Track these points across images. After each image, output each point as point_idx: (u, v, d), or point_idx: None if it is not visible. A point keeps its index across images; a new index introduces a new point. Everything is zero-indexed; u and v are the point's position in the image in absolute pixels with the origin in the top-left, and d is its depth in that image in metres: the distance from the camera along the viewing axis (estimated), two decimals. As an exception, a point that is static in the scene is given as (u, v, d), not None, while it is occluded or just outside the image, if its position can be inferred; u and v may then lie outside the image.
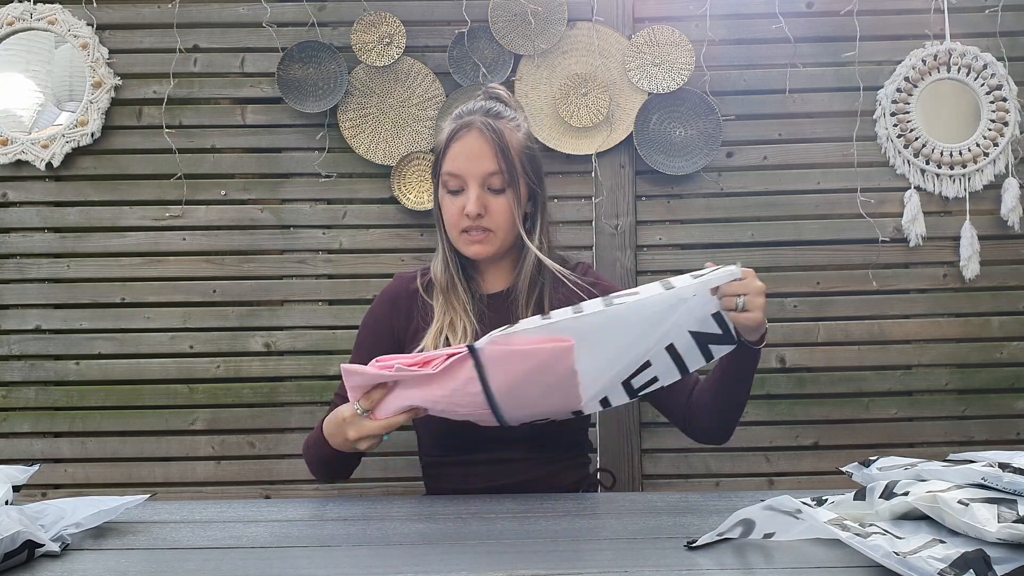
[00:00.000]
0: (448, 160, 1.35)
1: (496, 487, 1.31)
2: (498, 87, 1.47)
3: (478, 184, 1.33)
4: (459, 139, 1.34)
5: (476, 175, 1.33)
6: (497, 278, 1.43)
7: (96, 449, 1.97)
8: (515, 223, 1.36)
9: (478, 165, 1.33)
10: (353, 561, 0.89)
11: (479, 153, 1.33)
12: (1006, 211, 1.96)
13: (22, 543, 0.86)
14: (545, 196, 1.42)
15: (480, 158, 1.33)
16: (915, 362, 1.99)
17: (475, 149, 1.33)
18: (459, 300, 1.38)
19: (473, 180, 1.33)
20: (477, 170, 1.33)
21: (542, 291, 1.40)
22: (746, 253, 1.99)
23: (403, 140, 1.98)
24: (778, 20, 1.98)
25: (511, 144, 1.34)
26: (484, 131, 1.33)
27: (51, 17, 1.97)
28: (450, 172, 1.34)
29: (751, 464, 1.98)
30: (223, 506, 1.16)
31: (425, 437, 1.43)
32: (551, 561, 0.86)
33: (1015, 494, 0.79)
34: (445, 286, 1.40)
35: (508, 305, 1.40)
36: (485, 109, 1.38)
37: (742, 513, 0.90)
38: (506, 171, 1.33)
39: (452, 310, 1.38)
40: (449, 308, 1.38)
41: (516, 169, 1.35)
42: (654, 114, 1.98)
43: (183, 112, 2.00)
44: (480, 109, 1.38)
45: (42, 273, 1.99)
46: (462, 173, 1.33)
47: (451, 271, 1.40)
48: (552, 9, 1.96)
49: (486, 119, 1.35)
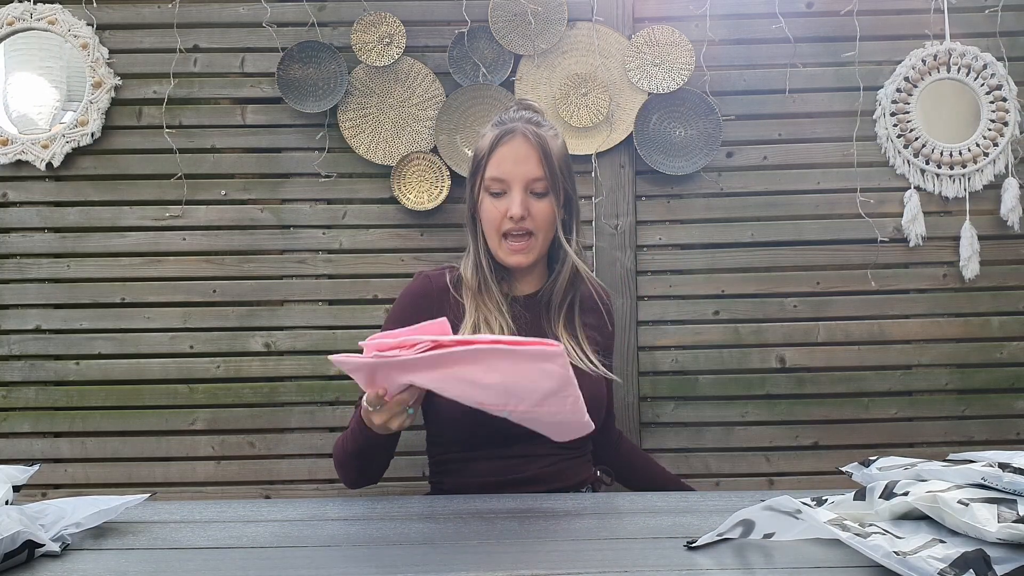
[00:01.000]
0: (493, 164, 1.39)
1: (504, 483, 1.32)
2: (530, 100, 1.54)
3: (522, 188, 1.38)
4: (504, 143, 1.39)
5: (521, 179, 1.38)
6: (529, 281, 1.47)
7: (96, 449, 1.97)
8: (555, 227, 1.42)
9: (523, 170, 1.38)
10: (353, 561, 0.89)
11: (525, 158, 1.38)
12: (1006, 211, 1.96)
13: (22, 543, 0.86)
14: (578, 203, 1.48)
15: (526, 162, 1.38)
16: (915, 362, 1.99)
17: (521, 154, 1.38)
18: (492, 300, 1.41)
19: (517, 184, 1.38)
20: (522, 174, 1.38)
21: (575, 296, 1.46)
22: (746, 253, 1.99)
23: (403, 140, 1.98)
24: (778, 20, 1.98)
25: (553, 152, 1.40)
26: (529, 137, 1.39)
27: (51, 17, 1.97)
28: (495, 176, 1.39)
29: (751, 464, 1.98)
30: (223, 506, 1.16)
31: (433, 434, 1.45)
32: (551, 561, 0.86)
33: (1015, 494, 0.79)
34: (477, 287, 1.42)
35: (542, 307, 1.45)
36: (526, 118, 1.43)
37: (742, 513, 0.90)
38: (549, 176, 1.39)
39: (485, 308, 1.41)
40: (482, 306, 1.41)
41: (557, 175, 1.40)
42: (654, 114, 1.98)
43: (183, 112, 2.00)
44: (521, 117, 1.43)
45: (42, 273, 1.99)
46: (507, 177, 1.38)
47: (483, 273, 1.43)
48: (552, 9, 1.96)
49: (529, 127, 1.40)
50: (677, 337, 1.98)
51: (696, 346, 1.99)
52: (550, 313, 1.44)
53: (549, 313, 1.44)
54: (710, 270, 1.99)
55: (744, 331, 1.99)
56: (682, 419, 1.98)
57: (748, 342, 1.99)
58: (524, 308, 1.44)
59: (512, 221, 1.37)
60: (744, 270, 1.99)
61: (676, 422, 1.98)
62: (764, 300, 1.99)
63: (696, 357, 1.99)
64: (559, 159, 1.42)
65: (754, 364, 1.98)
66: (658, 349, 1.98)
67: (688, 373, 1.98)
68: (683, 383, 1.98)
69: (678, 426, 1.98)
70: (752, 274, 2.00)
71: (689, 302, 1.99)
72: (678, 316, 1.99)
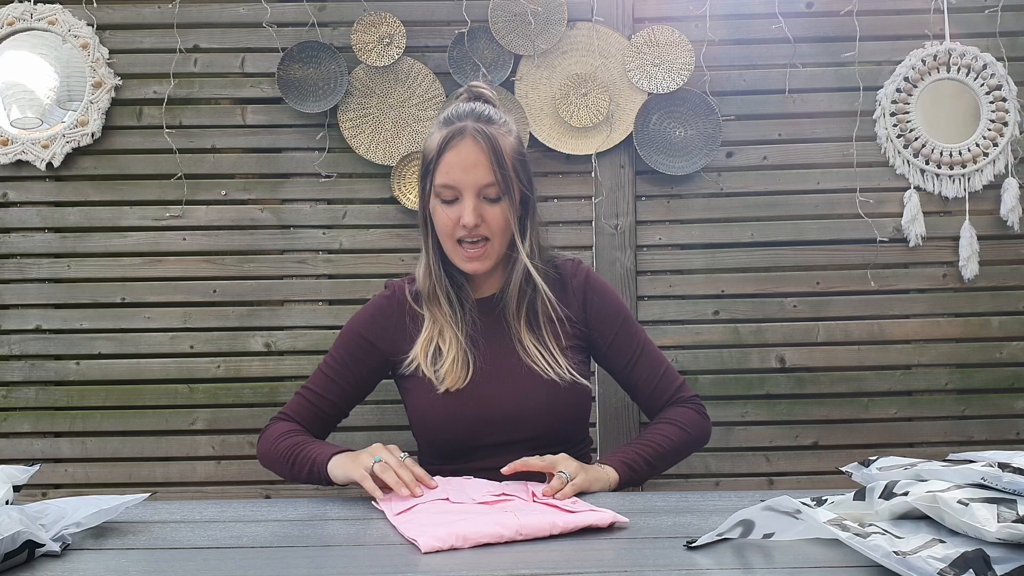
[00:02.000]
0: (441, 171, 1.31)
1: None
2: (481, 85, 1.44)
3: (473, 194, 1.30)
4: (452, 148, 1.30)
5: (472, 186, 1.30)
6: (486, 283, 1.41)
7: (96, 449, 1.97)
8: (510, 229, 1.34)
9: (473, 176, 1.30)
10: (353, 561, 0.89)
11: (474, 163, 1.29)
12: (1006, 211, 1.96)
13: (22, 543, 0.86)
14: (535, 199, 1.40)
15: (475, 168, 1.29)
16: (915, 362, 1.99)
17: (470, 159, 1.29)
18: (442, 311, 1.36)
19: (469, 191, 1.30)
20: (473, 181, 1.30)
21: (533, 296, 1.38)
22: (746, 253, 2.00)
23: (403, 140, 1.98)
24: (778, 20, 1.98)
25: (504, 151, 1.31)
26: (478, 139, 1.29)
27: (51, 17, 1.97)
28: (444, 184, 1.31)
29: (751, 464, 1.98)
30: (223, 506, 1.16)
31: (424, 445, 1.43)
32: (551, 561, 0.86)
33: (1015, 494, 0.79)
34: (428, 295, 1.38)
35: (499, 311, 1.38)
36: (476, 114, 1.34)
37: (742, 514, 0.90)
38: (501, 180, 1.30)
39: (442, 319, 1.36)
40: (439, 317, 1.36)
41: (510, 177, 1.32)
42: (654, 114, 1.98)
43: (183, 112, 2.00)
44: (470, 113, 1.33)
45: (42, 273, 1.99)
46: (457, 184, 1.30)
47: (433, 278, 1.37)
48: (552, 9, 1.96)
49: (478, 125, 1.31)
50: (677, 337, 1.98)
51: (696, 346, 1.99)
52: (507, 317, 1.37)
53: (506, 317, 1.37)
54: (710, 270, 1.99)
55: (744, 331, 1.99)
56: (682, 419, 1.98)
57: (748, 342, 1.99)
58: (480, 313, 1.38)
59: (465, 229, 1.30)
60: (744, 270, 2.00)
61: (676, 422, 1.98)
62: (764, 300, 1.99)
63: (696, 357, 1.99)
64: (512, 157, 1.33)
65: (754, 364, 1.98)
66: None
67: (688, 373, 1.98)
68: (683, 383, 1.98)
69: (678, 426, 1.98)
70: (752, 274, 2.00)
71: (689, 302, 1.99)
72: (678, 316, 1.99)
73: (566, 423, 1.37)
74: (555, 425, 1.35)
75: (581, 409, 1.40)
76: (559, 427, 1.36)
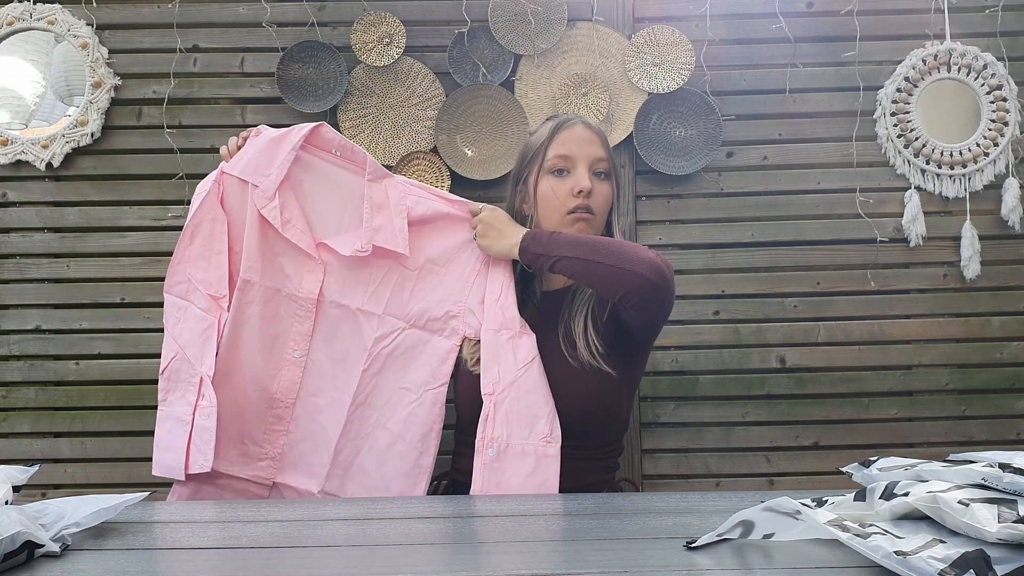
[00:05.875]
0: (556, 144, 1.42)
1: None
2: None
3: (586, 166, 1.41)
4: (567, 128, 1.43)
5: (586, 157, 1.41)
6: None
7: (96, 449, 1.97)
8: (608, 213, 1.45)
9: (588, 149, 1.42)
10: (353, 561, 0.89)
11: (589, 140, 1.43)
12: (1006, 211, 1.96)
13: (22, 543, 0.86)
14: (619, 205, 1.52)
15: (590, 144, 1.43)
16: (915, 362, 1.99)
17: (585, 136, 1.43)
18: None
19: (583, 161, 1.41)
20: (587, 153, 1.42)
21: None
22: (746, 253, 1.99)
23: (403, 140, 1.98)
24: (778, 20, 1.98)
25: (609, 144, 1.48)
26: (590, 124, 1.45)
27: (51, 17, 1.96)
28: (560, 154, 1.41)
29: (751, 464, 1.98)
30: (223, 506, 1.16)
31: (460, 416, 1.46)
32: (551, 561, 0.86)
33: (1015, 494, 0.79)
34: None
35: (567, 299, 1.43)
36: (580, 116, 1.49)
37: (741, 514, 0.90)
38: (610, 160, 1.43)
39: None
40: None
41: (615, 163, 1.48)
42: (654, 114, 1.98)
43: (183, 112, 2.00)
44: (576, 115, 1.49)
45: (42, 273, 1.99)
46: (572, 154, 1.42)
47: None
48: (552, 9, 1.96)
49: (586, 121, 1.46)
50: (677, 337, 1.98)
51: (696, 346, 1.99)
52: (575, 303, 1.41)
53: (574, 303, 1.41)
54: (710, 270, 1.99)
55: (744, 331, 1.99)
56: (682, 419, 1.98)
57: (748, 342, 1.98)
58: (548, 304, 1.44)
59: (580, 197, 1.38)
60: (744, 270, 1.99)
61: (676, 422, 1.98)
62: (764, 300, 1.99)
63: (696, 357, 1.99)
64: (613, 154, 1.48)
65: (754, 364, 1.98)
66: (658, 349, 1.98)
67: (688, 373, 1.98)
68: (683, 383, 1.98)
69: (678, 426, 1.98)
70: (752, 274, 1.99)
71: (689, 302, 1.99)
72: (678, 316, 1.99)
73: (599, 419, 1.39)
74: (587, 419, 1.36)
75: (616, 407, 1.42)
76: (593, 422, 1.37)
